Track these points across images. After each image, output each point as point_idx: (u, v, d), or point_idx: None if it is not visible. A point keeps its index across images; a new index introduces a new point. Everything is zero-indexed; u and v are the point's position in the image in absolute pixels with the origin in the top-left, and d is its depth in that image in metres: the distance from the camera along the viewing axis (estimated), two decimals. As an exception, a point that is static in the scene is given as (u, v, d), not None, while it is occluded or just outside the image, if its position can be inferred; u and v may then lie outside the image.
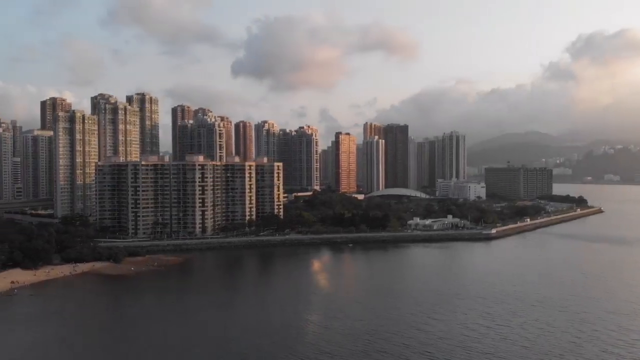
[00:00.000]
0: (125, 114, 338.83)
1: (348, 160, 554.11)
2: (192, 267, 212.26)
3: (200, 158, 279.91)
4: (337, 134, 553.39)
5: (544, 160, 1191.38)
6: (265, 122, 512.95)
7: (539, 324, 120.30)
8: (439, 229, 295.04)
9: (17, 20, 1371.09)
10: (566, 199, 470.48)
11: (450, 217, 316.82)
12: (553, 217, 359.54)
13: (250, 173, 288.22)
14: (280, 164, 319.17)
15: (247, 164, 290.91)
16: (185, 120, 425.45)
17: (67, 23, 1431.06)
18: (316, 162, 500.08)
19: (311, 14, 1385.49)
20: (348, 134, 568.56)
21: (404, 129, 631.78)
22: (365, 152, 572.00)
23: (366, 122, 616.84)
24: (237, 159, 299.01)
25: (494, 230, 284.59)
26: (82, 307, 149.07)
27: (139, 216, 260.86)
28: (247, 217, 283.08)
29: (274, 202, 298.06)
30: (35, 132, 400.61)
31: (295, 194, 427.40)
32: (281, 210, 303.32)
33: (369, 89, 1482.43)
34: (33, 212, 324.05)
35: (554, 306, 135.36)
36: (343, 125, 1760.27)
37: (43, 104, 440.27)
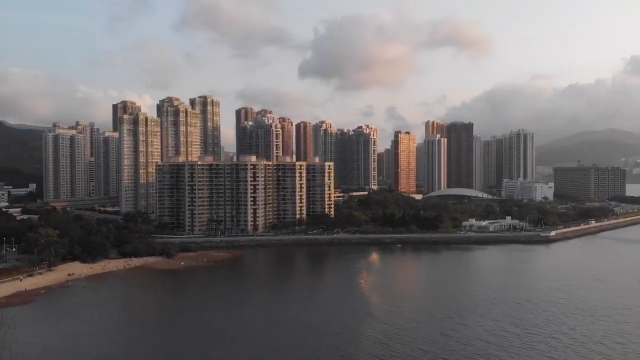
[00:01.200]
0: (187, 116, 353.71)
1: (407, 159, 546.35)
2: (241, 264, 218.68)
3: (253, 158, 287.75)
4: (396, 133, 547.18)
5: (623, 159, 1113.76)
6: (322, 122, 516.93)
7: (574, 333, 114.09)
8: (495, 230, 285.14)
9: (97, 27, 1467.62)
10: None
11: (509, 218, 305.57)
12: (621, 220, 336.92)
13: (300, 173, 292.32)
14: (331, 163, 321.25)
15: (297, 163, 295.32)
16: (246, 122, 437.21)
17: (143, 29, 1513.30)
18: (374, 162, 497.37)
19: (379, 12, 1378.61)
20: (408, 132, 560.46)
21: (468, 127, 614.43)
22: (427, 151, 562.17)
23: (428, 121, 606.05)
24: (288, 159, 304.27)
25: (553, 233, 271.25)
26: (127, 298, 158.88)
27: (195, 213, 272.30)
28: (298, 216, 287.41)
29: (324, 201, 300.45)
30: (107, 134, 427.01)
31: (350, 193, 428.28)
32: (332, 209, 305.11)
33: (438, 87, 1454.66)
34: (101, 209, 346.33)
35: (595, 315, 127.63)
36: (411, 123, 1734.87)
37: (115, 107, 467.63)
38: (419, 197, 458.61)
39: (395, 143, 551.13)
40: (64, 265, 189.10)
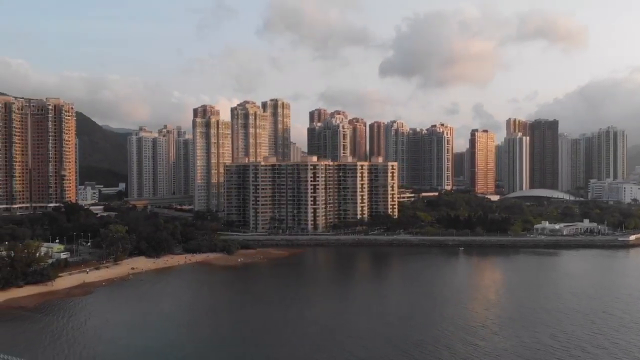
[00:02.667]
0: (256, 118, 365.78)
1: (485, 159, 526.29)
2: (296, 262, 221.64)
3: (314, 158, 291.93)
4: (473, 132, 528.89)
5: None
6: (394, 121, 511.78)
7: (615, 349, 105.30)
8: (569, 234, 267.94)
9: (185, 35, 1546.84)
10: None
11: (586, 221, 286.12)
12: None
13: (362, 173, 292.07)
14: (395, 163, 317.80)
15: (358, 163, 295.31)
16: (315, 123, 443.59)
17: (229, 35, 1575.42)
18: (448, 162, 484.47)
19: (463, 7, 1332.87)
20: (486, 131, 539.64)
21: (553, 125, 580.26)
22: (507, 150, 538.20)
23: (509, 118, 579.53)
24: (350, 159, 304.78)
25: (632, 237, 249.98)
26: (177, 292, 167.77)
27: (258, 212, 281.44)
28: (359, 216, 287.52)
29: (387, 201, 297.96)
30: (187, 137, 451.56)
31: (422, 194, 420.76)
32: (395, 210, 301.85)
33: (529, 82, 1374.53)
34: (178, 207, 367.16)
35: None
36: (500, 121, 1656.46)
37: (195, 110, 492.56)
38: (495, 198, 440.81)
39: (472, 142, 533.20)
40: (130, 260, 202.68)
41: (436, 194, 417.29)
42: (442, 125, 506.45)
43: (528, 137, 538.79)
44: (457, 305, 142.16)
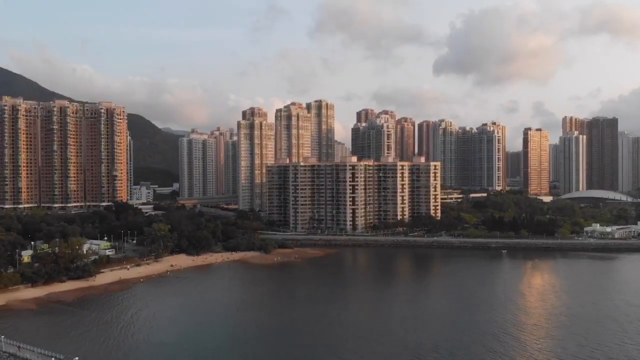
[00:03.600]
0: (298, 120, 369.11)
1: (539, 159, 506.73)
2: (331, 262, 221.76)
3: (353, 159, 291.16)
4: (526, 130, 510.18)
5: None
6: (442, 120, 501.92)
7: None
8: (621, 237, 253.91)
9: (239, 38, 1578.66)
10: None
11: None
12: None
13: (402, 173, 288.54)
14: (438, 163, 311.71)
15: (399, 164, 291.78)
16: (359, 124, 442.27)
17: (282, 37, 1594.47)
18: (499, 161, 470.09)
19: (520, 1, 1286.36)
20: (539, 130, 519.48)
21: (612, 123, 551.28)
22: (563, 149, 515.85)
23: (565, 117, 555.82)
24: (391, 159, 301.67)
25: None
26: (208, 288, 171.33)
27: (298, 212, 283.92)
28: (399, 217, 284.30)
29: (429, 202, 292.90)
30: (235, 138, 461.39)
31: (471, 194, 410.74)
32: (438, 211, 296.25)
33: (592, 78, 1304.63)
34: (224, 206, 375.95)
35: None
36: (561, 119, 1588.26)
37: (244, 113, 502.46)
38: (548, 199, 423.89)
39: (525, 141, 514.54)
40: (170, 257, 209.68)
41: (484, 194, 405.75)
42: (494, 124, 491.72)
43: (585, 136, 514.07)
44: (489, 311, 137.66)
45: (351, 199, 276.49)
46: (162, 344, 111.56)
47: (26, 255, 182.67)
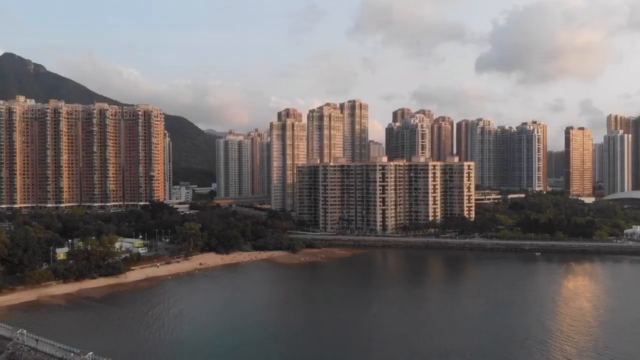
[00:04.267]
0: (330, 120, 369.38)
1: (582, 158, 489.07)
2: (357, 262, 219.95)
3: (384, 159, 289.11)
4: (567, 129, 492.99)
5: None
6: (480, 119, 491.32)
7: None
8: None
9: (280, 40, 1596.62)
10: None
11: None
12: None
13: (434, 173, 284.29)
14: (472, 163, 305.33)
15: (430, 164, 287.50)
16: (393, 123, 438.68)
17: (321, 38, 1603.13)
18: (539, 161, 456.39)
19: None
20: (582, 128, 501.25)
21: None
22: (607, 149, 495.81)
23: (609, 115, 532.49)
24: (422, 159, 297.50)
25: None
26: (231, 287, 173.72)
27: (327, 212, 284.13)
28: (431, 218, 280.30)
29: (463, 203, 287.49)
30: (268, 139, 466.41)
31: (509, 195, 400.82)
32: (472, 212, 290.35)
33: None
34: (258, 206, 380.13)
35: None
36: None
37: (279, 114, 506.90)
38: (590, 200, 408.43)
39: (567, 140, 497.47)
40: (200, 256, 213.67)
41: (522, 195, 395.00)
42: (534, 122, 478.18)
43: (630, 135, 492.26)
44: (516, 316, 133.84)
45: (381, 199, 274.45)
46: (181, 341, 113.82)
47: (62, 252, 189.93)
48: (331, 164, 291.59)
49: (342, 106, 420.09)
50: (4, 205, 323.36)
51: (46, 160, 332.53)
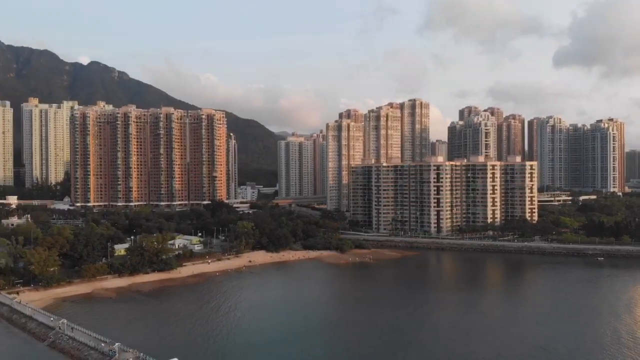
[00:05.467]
0: (387, 120, 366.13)
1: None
2: (405, 264, 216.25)
3: (439, 158, 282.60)
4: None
5: None
6: (550, 117, 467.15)
7: None
8: None
9: (349, 41, 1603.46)
10: None
11: None
12: None
13: (493, 173, 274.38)
14: (534, 163, 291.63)
15: (489, 163, 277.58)
16: (455, 122, 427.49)
17: (389, 38, 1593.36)
18: (614, 161, 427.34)
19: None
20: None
21: None
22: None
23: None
24: (481, 159, 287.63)
25: None
26: (272, 285, 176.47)
27: (380, 213, 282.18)
28: (489, 220, 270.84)
29: (525, 204, 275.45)
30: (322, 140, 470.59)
31: (582, 196, 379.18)
32: (534, 214, 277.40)
33: None
34: (315, 206, 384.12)
35: None
36: None
37: (340, 114, 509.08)
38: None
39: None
40: (250, 253, 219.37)
41: (593, 197, 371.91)
42: (610, 120, 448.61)
43: None
44: (563, 325, 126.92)
45: (435, 200, 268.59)
46: (207, 334, 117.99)
47: (121, 248, 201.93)
48: (384, 164, 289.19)
49: (402, 105, 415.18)
50: (78, 204, 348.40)
51: (117, 162, 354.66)
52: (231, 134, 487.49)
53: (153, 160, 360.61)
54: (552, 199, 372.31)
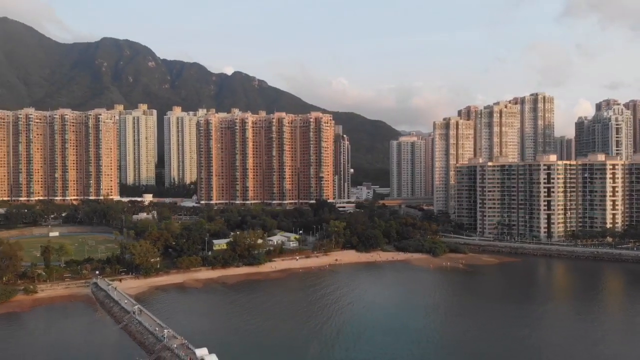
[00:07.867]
0: (501, 116, 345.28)
1: None
2: (498, 272, 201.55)
3: (552, 157, 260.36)
4: None
5: None
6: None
7: None
8: None
9: (481, 35, 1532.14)
10: None
11: None
12: None
13: (614, 173, 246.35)
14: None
15: (609, 162, 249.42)
16: (583, 117, 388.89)
17: (523, 28, 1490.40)
18: None
19: None
20: None
21: None
22: None
23: None
24: (600, 157, 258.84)
25: None
26: (346, 285, 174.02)
27: (485, 216, 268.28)
28: (609, 225, 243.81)
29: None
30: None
31: None
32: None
33: None
34: (423, 207, 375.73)
35: None
36: None
37: (459, 112, 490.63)
38: None
39: None
40: (339, 252, 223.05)
41: None
42: None
43: None
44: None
45: (545, 203, 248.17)
46: (260, 329, 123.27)
47: (221, 243, 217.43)
48: (489, 163, 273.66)
49: (522, 100, 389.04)
50: (203, 202, 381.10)
51: (235, 164, 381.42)
52: (345, 135, 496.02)
53: (267, 162, 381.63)
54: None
